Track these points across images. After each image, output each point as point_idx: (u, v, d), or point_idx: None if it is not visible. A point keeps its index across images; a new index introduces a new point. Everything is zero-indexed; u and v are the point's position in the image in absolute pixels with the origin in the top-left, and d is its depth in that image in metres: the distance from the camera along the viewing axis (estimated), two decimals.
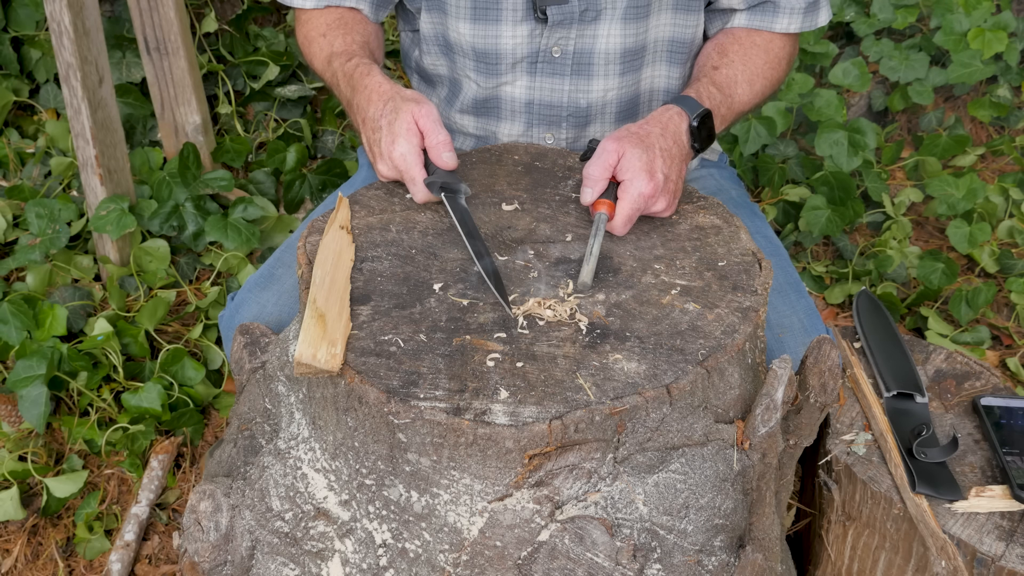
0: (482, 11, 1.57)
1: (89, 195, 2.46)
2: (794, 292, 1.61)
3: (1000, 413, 1.58)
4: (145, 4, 2.52)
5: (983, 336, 2.43)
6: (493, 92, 1.65)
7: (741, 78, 1.60)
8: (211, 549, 1.27)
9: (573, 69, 1.61)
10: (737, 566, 1.21)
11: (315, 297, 1.22)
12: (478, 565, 1.14)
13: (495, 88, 1.65)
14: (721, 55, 1.62)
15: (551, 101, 1.65)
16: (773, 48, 1.66)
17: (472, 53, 1.61)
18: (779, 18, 1.64)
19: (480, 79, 1.64)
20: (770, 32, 1.65)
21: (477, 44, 1.60)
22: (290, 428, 1.28)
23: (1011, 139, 2.95)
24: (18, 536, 2.04)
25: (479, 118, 1.70)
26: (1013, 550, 1.40)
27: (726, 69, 1.59)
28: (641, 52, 1.62)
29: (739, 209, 1.72)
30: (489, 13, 1.57)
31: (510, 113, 1.67)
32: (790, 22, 1.64)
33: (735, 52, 1.63)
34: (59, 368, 2.14)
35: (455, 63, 1.66)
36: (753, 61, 1.63)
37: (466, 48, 1.61)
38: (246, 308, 1.57)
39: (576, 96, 1.64)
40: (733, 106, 1.58)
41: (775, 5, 1.63)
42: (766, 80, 1.64)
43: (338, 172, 2.76)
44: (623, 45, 1.59)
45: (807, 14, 1.65)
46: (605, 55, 1.60)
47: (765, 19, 1.64)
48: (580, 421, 1.09)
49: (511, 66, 1.62)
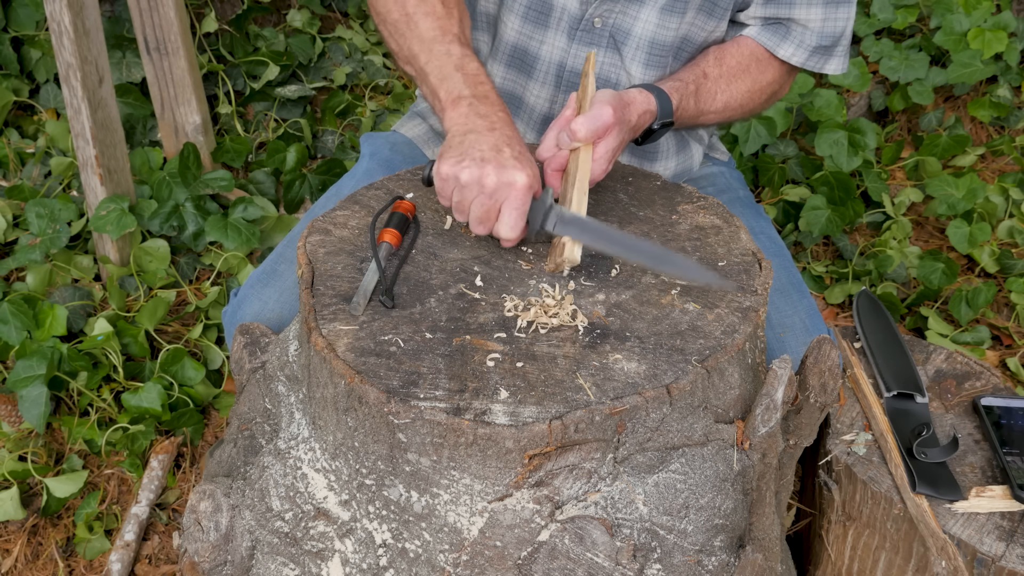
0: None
1: (89, 195, 2.46)
2: (796, 292, 1.62)
3: (1000, 413, 1.58)
4: (145, 4, 2.52)
5: (983, 336, 2.43)
6: (534, 47, 1.65)
7: (723, 94, 1.63)
8: (211, 549, 1.27)
9: (608, 43, 1.62)
10: (737, 566, 1.21)
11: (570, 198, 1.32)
12: (478, 565, 1.14)
13: (538, 43, 1.65)
14: (718, 63, 1.64)
15: (580, 69, 1.65)
16: (765, 76, 1.67)
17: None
18: (785, 44, 1.65)
19: (523, 26, 1.64)
20: (771, 55, 1.66)
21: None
22: (290, 428, 1.28)
23: (1011, 139, 2.95)
24: (18, 536, 2.04)
25: (510, 69, 1.70)
26: (1013, 550, 1.40)
27: (713, 82, 1.62)
28: (667, 52, 1.63)
29: (746, 209, 1.72)
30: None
31: (542, 74, 1.68)
32: (794, 53, 1.65)
33: (730, 63, 1.65)
34: (59, 368, 2.14)
35: (501, 5, 1.66)
36: (742, 80, 1.65)
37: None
38: (248, 304, 1.57)
39: (606, 71, 1.65)
40: (696, 120, 1.63)
41: (787, 31, 1.64)
42: (740, 108, 1.67)
43: (338, 172, 2.76)
44: (654, 34, 1.61)
45: (815, 54, 1.65)
46: (638, 39, 1.61)
47: (774, 39, 1.65)
48: (580, 421, 1.09)
49: (557, 21, 1.62)
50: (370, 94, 3.23)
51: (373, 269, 1.27)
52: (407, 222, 1.37)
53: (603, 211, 1.44)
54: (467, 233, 1.39)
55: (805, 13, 1.61)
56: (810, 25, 1.62)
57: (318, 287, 1.27)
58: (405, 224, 1.36)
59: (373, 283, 1.26)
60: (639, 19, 1.60)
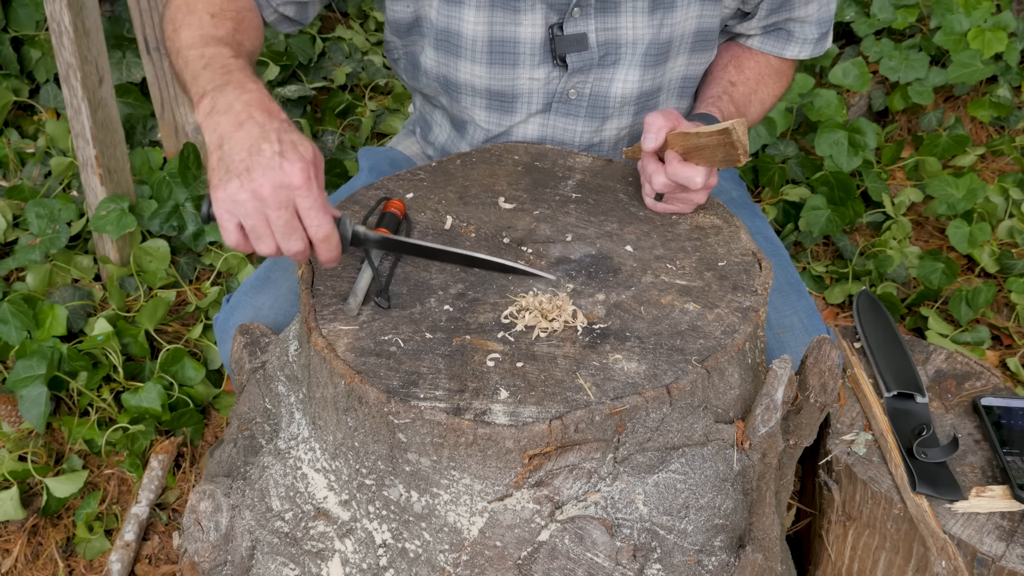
0: (498, 55, 1.53)
1: (89, 195, 2.46)
2: (795, 292, 1.62)
3: (1000, 413, 1.58)
4: (145, 4, 2.52)
5: (983, 336, 2.43)
6: (505, 130, 1.63)
7: (755, 97, 1.65)
8: (211, 549, 1.27)
9: (588, 111, 1.60)
10: (737, 566, 1.21)
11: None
12: (478, 565, 1.14)
13: (508, 126, 1.62)
14: (738, 70, 1.66)
15: (563, 139, 1.63)
16: (783, 69, 1.72)
17: (486, 93, 1.58)
18: (791, 46, 1.68)
19: (492, 117, 1.62)
20: (780, 57, 1.70)
21: (493, 85, 1.57)
22: (290, 428, 1.28)
23: (1011, 139, 2.95)
24: (18, 536, 2.04)
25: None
26: (1013, 550, 1.40)
27: (743, 87, 1.63)
28: (656, 93, 1.62)
29: (740, 209, 1.72)
30: (506, 57, 1.54)
31: None
32: (801, 50, 1.68)
33: (751, 69, 1.67)
34: (59, 368, 2.14)
35: (459, 102, 1.63)
36: (766, 81, 1.68)
37: (479, 88, 1.58)
38: (241, 311, 1.56)
39: (589, 136, 1.63)
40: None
41: (789, 34, 1.67)
42: (774, 100, 1.71)
43: (338, 172, 2.76)
44: (639, 89, 1.58)
45: (818, 43, 1.69)
46: (621, 98, 1.58)
47: (777, 45, 1.68)
48: (580, 421, 1.09)
49: (526, 104, 1.59)
50: (370, 94, 3.23)
51: (365, 269, 1.27)
52: (398, 222, 1.37)
53: (603, 211, 1.44)
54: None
55: (803, 11, 1.63)
56: (808, 19, 1.64)
57: (318, 287, 1.27)
58: (396, 224, 1.36)
59: (367, 283, 1.26)
60: (616, 80, 1.57)
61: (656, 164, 1.38)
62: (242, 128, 1.14)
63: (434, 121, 1.76)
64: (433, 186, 1.49)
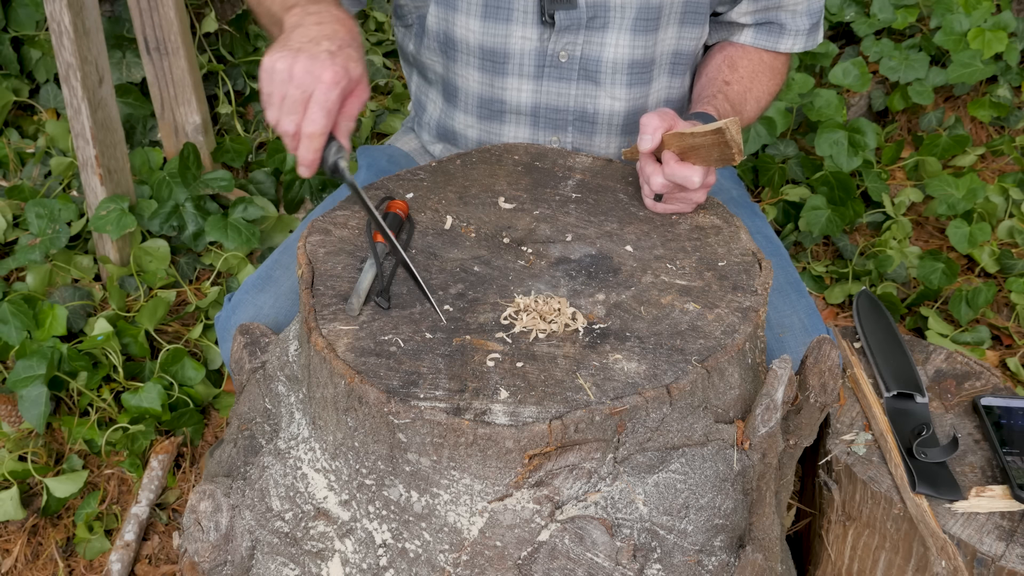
0: (493, 9, 1.57)
1: (89, 195, 2.46)
2: (795, 292, 1.62)
3: (1000, 413, 1.58)
4: (145, 4, 2.52)
5: (983, 336, 2.43)
6: (498, 94, 1.65)
7: (750, 95, 1.66)
8: (211, 549, 1.27)
9: (580, 75, 1.61)
10: (737, 566, 1.21)
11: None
12: (478, 565, 1.14)
13: (500, 90, 1.64)
14: (732, 69, 1.66)
15: (557, 105, 1.65)
16: (777, 66, 1.73)
17: (479, 51, 1.61)
18: (784, 39, 1.69)
19: (484, 77, 1.64)
20: (774, 53, 1.71)
21: (486, 42, 1.60)
22: (290, 428, 1.28)
23: (1011, 139, 2.95)
24: (18, 536, 2.04)
25: (482, 120, 1.70)
26: (1013, 550, 1.40)
27: (737, 85, 1.64)
28: (650, 65, 1.62)
29: (739, 209, 1.72)
30: (500, 12, 1.57)
31: (515, 117, 1.67)
32: (794, 43, 1.70)
33: (744, 67, 1.68)
34: (59, 368, 2.14)
35: (454, 61, 1.66)
36: (760, 79, 1.69)
37: (472, 46, 1.61)
38: (243, 310, 1.57)
39: (583, 101, 1.64)
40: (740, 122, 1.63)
41: (781, 27, 1.68)
42: (769, 97, 1.72)
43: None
44: (631, 56, 1.60)
45: (810, 35, 1.70)
46: (613, 64, 1.60)
47: (771, 39, 1.69)
48: (580, 421, 1.09)
49: (518, 66, 1.61)
50: (370, 94, 3.23)
51: (368, 269, 1.27)
52: (401, 222, 1.37)
53: (603, 211, 1.44)
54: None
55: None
56: (799, 8, 1.65)
57: (318, 287, 1.27)
58: (399, 224, 1.36)
59: (368, 283, 1.26)
60: (606, 44, 1.59)
61: (654, 165, 1.39)
62: (318, 26, 1.25)
63: (428, 100, 1.78)
64: (433, 186, 1.49)
